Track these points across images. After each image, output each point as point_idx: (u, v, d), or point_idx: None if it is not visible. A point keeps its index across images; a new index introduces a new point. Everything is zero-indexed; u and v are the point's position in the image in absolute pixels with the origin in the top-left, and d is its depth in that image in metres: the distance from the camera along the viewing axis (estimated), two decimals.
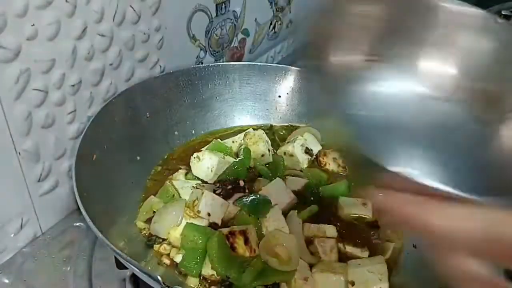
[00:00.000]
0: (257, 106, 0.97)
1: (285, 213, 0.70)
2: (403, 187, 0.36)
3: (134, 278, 0.68)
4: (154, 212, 0.69)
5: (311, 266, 0.65)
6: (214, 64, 0.94)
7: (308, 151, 0.86)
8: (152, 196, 0.72)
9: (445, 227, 0.34)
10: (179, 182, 0.75)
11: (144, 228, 0.69)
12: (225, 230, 0.64)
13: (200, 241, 0.63)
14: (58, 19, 0.62)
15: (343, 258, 0.68)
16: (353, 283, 0.62)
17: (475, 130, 0.44)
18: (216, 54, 1.07)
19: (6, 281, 0.67)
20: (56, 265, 0.70)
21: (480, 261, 0.34)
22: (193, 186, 0.74)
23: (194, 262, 0.63)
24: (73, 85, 0.69)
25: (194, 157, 0.77)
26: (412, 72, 0.47)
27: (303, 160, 0.85)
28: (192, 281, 0.63)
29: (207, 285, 0.63)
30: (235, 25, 1.09)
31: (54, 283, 0.67)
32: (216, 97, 0.94)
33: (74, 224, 0.77)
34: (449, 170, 0.37)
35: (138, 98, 0.80)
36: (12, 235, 0.69)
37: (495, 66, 0.46)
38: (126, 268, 0.68)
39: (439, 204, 0.35)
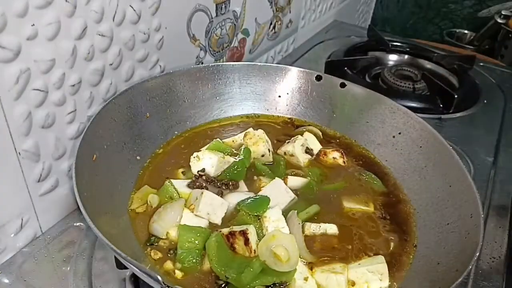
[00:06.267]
0: (257, 106, 0.97)
1: (285, 213, 0.70)
2: None
3: (134, 278, 0.68)
4: (147, 202, 0.70)
5: (311, 266, 0.65)
6: (214, 64, 0.94)
7: (308, 151, 0.86)
8: (146, 186, 0.73)
9: None
10: (179, 182, 0.75)
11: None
12: (225, 231, 0.64)
13: (197, 241, 0.63)
14: (58, 19, 0.62)
15: (343, 258, 0.68)
16: (353, 283, 0.62)
17: None
18: (216, 54, 1.07)
19: (6, 281, 0.67)
20: (56, 265, 0.70)
21: None
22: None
23: (193, 262, 0.63)
24: (73, 85, 0.69)
25: (194, 157, 0.77)
26: None
27: (304, 159, 0.85)
28: (191, 281, 0.63)
29: (207, 285, 0.63)
30: (235, 25, 1.09)
31: (54, 283, 0.67)
32: (216, 97, 0.94)
33: (74, 224, 0.77)
34: None
35: (138, 98, 0.80)
36: (12, 235, 0.69)
37: None
38: (126, 268, 0.68)
39: None
